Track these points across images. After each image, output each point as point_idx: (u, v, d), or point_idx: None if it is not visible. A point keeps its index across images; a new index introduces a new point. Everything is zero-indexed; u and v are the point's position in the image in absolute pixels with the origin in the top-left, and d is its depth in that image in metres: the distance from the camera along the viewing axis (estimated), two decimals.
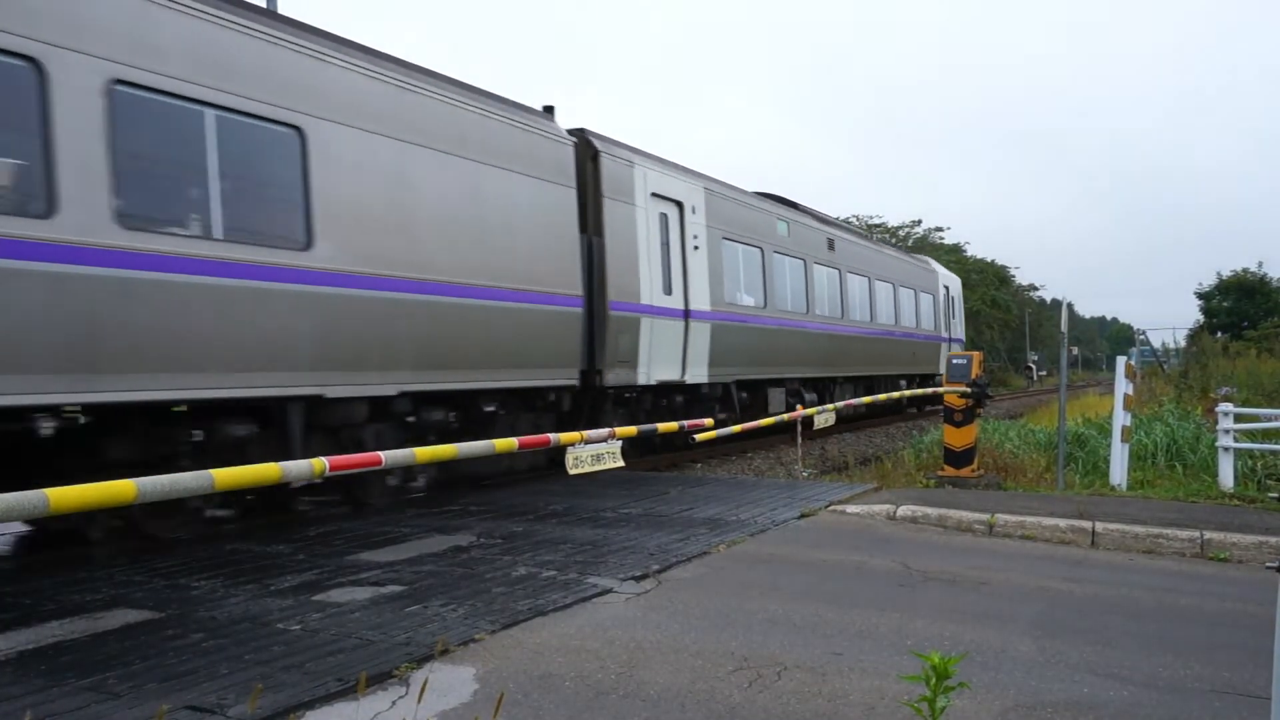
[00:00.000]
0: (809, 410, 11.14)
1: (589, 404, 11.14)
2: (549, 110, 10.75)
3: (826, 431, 17.33)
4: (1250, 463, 10.84)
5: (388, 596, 5.14)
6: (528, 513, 8.02)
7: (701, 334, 12.83)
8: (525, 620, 4.66)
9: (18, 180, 5.80)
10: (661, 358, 11.93)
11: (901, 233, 56.17)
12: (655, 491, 9.22)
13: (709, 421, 9.04)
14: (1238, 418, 10.25)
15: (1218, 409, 10.40)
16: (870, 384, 20.08)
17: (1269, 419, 10.68)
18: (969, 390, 9.74)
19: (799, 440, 11.94)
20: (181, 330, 6.50)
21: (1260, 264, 47.10)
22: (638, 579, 5.54)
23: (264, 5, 8.14)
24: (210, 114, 6.83)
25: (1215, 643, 4.46)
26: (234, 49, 7.02)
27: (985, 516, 7.35)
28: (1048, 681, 3.87)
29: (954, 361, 10.04)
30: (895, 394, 14.80)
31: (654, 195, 12.06)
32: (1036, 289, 76.73)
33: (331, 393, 7.61)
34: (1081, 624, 4.74)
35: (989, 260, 63.00)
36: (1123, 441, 9.79)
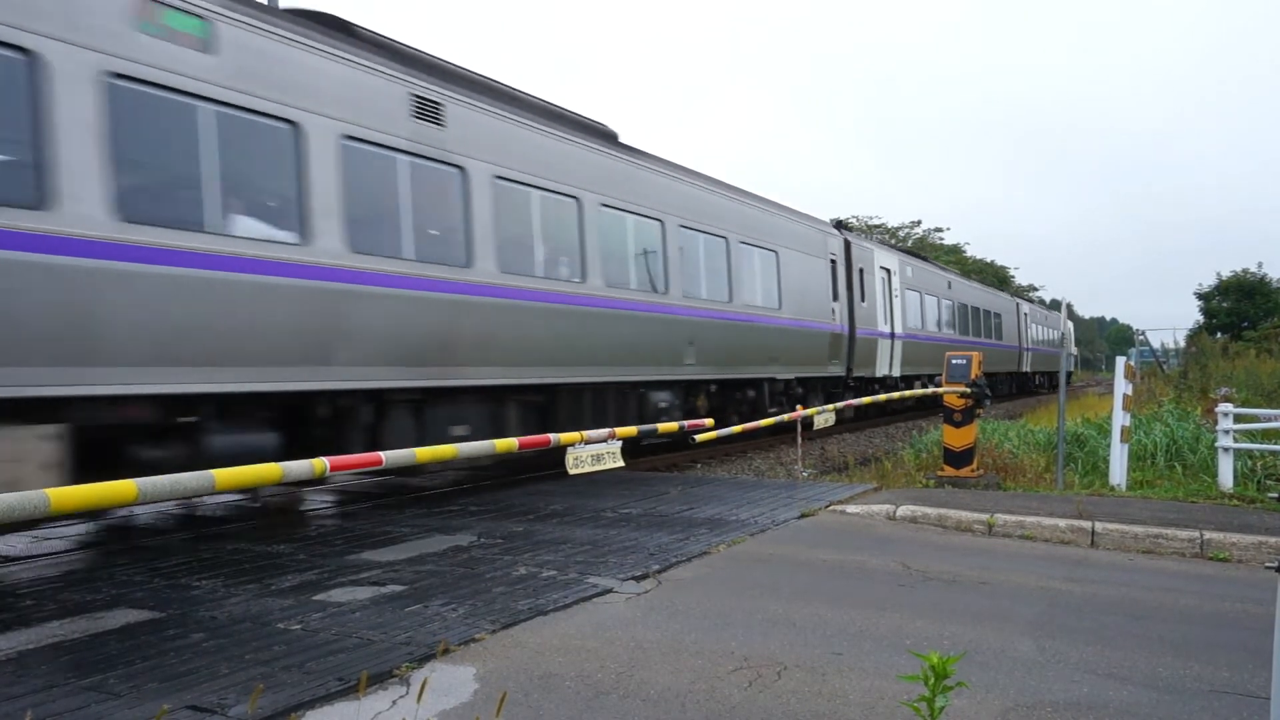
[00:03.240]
0: (809, 410, 11.17)
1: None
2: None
3: (826, 431, 17.42)
4: (1250, 463, 10.81)
5: (388, 596, 5.15)
6: (528, 513, 8.02)
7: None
8: (526, 620, 4.67)
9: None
10: None
11: (901, 233, 56.18)
12: (655, 491, 9.22)
13: (709, 422, 9.08)
14: (1237, 418, 10.24)
15: (1217, 409, 10.38)
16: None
17: (1268, 419, 10.67)
18: (968, 390, 9.75)
19: (799, 440, 11.96)
20: None
21: (1260, 264, 47.26)
22: (638, 579, 5.54)
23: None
24: None
25: (1215, 643, 4.46)
26: None
27: (985, 516, 7.35)
28: (1048, 681, 3.87)
29: (954, 362, 10.04)
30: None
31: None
32: (1036, 289, 76.81)
33: None
34: (1081, 624, 4.75)
35: (988, 261, 63.10)
36: (1122, 442, 9.78)
